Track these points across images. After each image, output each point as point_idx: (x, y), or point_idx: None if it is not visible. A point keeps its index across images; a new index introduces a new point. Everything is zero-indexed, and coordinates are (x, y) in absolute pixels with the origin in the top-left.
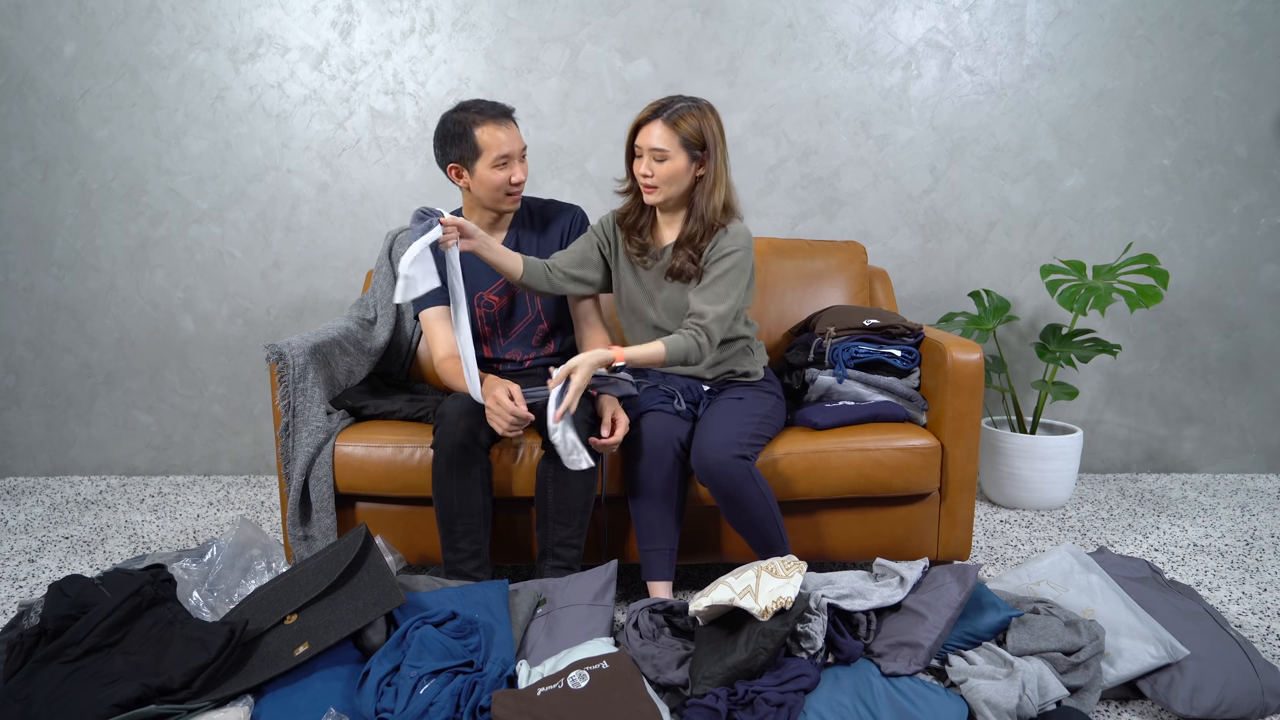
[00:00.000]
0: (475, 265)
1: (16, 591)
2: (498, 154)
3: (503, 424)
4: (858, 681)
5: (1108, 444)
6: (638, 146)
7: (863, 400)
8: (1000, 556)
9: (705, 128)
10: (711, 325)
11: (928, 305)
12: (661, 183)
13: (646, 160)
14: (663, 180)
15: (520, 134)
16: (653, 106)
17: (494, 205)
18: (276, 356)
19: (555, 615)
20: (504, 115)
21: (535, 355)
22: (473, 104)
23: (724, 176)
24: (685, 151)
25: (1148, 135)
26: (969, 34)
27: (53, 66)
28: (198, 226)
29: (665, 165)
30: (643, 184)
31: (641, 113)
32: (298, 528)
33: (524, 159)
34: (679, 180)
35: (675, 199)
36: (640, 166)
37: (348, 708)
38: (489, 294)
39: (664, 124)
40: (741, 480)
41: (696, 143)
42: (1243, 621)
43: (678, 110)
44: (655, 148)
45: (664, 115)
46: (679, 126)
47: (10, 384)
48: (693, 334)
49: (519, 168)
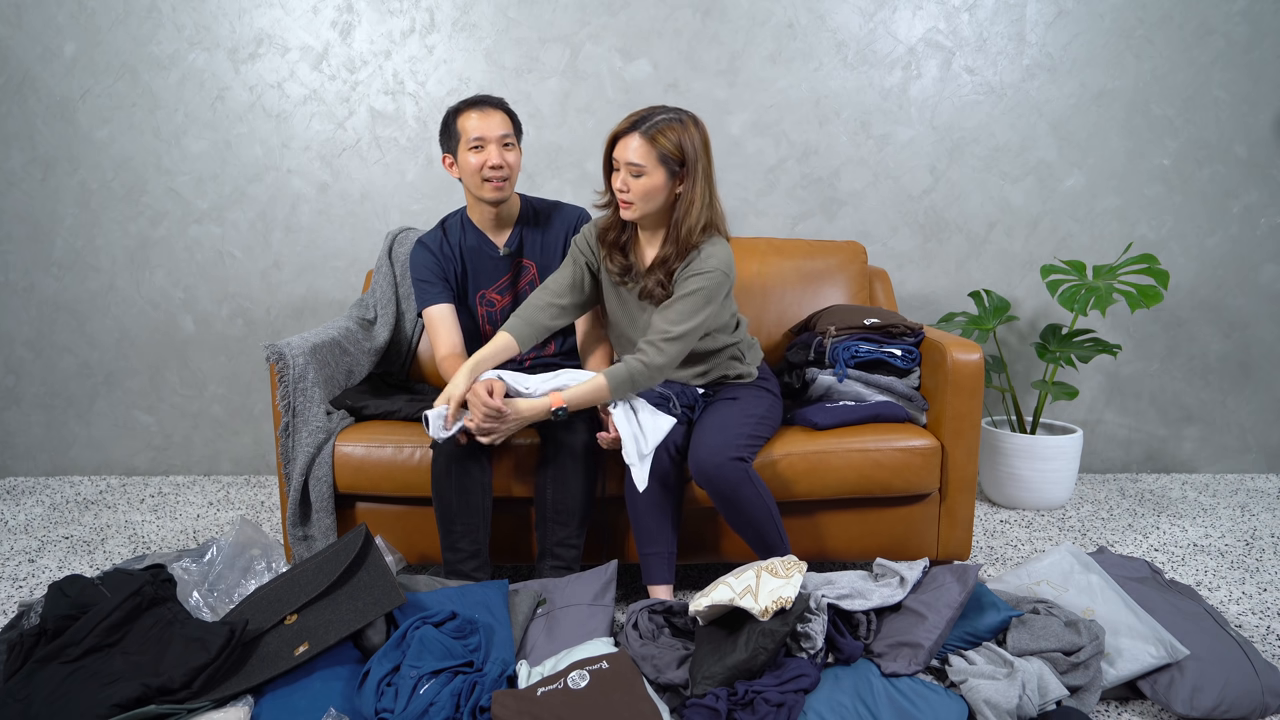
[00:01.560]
0: (477, 263)
1: (16, 591)
2: (473, 136)
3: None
4: (858, 681)
5: (1108, 444)
6: (615, 159)
7: (863, 400)
8: (1000, 556)
9: (686, 142)
10: (663, 344)
11: (928, 305)
12: (638, 199)
13: (623, 175)
14: (638, 197)
15: (507, 121)
16: (631, 118)
17: (477, 193)
18: (276, 356)
19: (555, 615)
20: (485, 103)
21: (536, 354)
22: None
23: (705, 195)
24: (663, 167)
25: (1148, 135)
26: (969, 34)
27: (53, 66)
28: (198, 226)
29: (641, 181)
30: (619, 199)
31: (619, 124)
32: (298, 528)
33: (508, 146)
34: (655, 197)
35: (653, 216)
36: (617, 181)
37: (348, 708)
38: (491, 293)
39: (641, 137)
40: (739, 483)
41: (675, 158)
42: (1243, 621)
43: (657, 124)
44: (631, 162)
45: (642, 128)
46: (657, 141)
47: (10, 384)
48: (637, 357)
49: (495, 152)
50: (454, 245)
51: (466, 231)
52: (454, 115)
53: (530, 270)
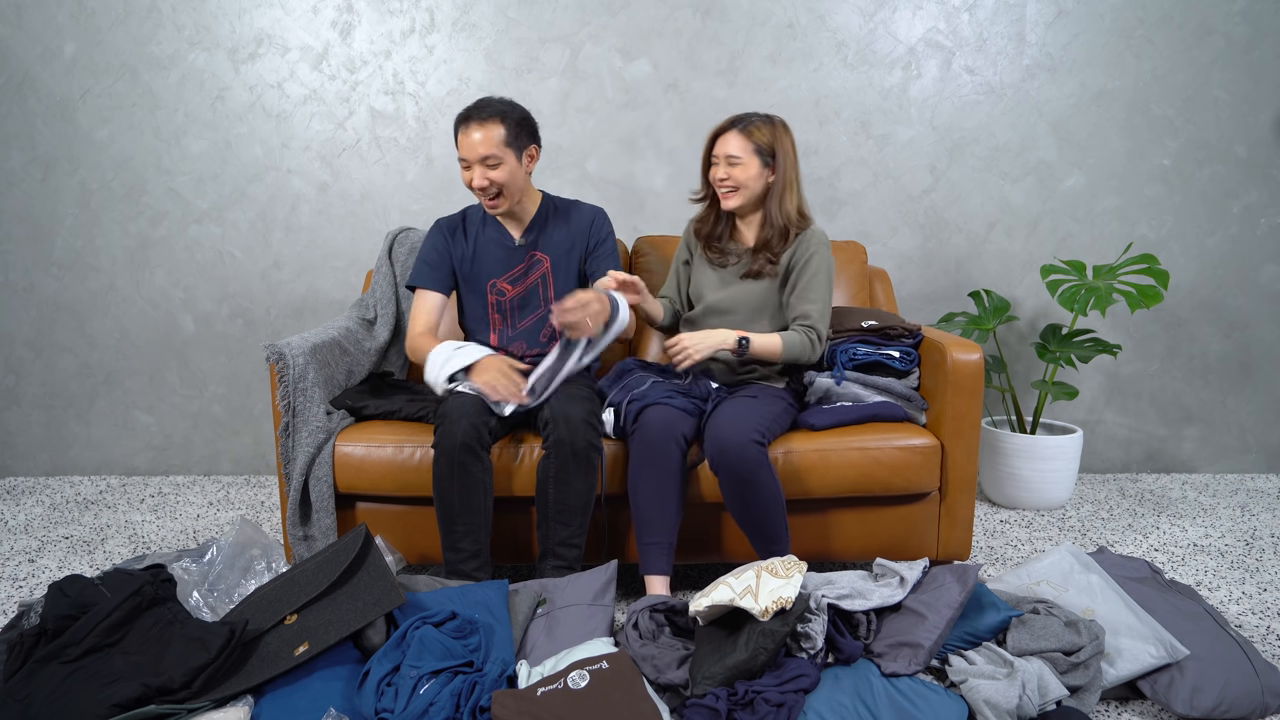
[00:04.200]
0: (489, 251)
1: (16, 591)
2: (460, 156)
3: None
4: (858, 681)
5: (1108, 444)
6: (715, 155)
7: (861, 401)
8: (1000, 556)
9: (776, 138)
10: (818, 323)
11: (928, 305)
12: (738, 185)
13: (723, 166)
14: (739, 183)
15: (491, 139)
16: (730, 119)
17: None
18: (276, 356)
19: (555, 615)
20: (471, 118)
21: (540, 350)
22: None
23: (795, 184)
24: (758, 158)
25: (1148, 135)
26: (969, 34)
27: (53, 66)
28: (198, 226)
29: (739, 169)
30: (720, 189)
31: (719, 124)
32: (298, 528)
33: (490, 165)
34: (752, 184)
35: (750, 203)
36: (717, 173)
37: (348, 708)
38: (502, 282)
39: (739, 133)
40: (757, 465)
41: (768, 150)
42: (1243, 621)
43: (751, 121)
44: (731, 154)
45: (739, 125)
46: (752, 135)
47: (10, 384)
48: (804, 331)
49: (478, 173)
50: (471, 233)
51: (487, 223)
52: (455, 129)
53: (544, 264)
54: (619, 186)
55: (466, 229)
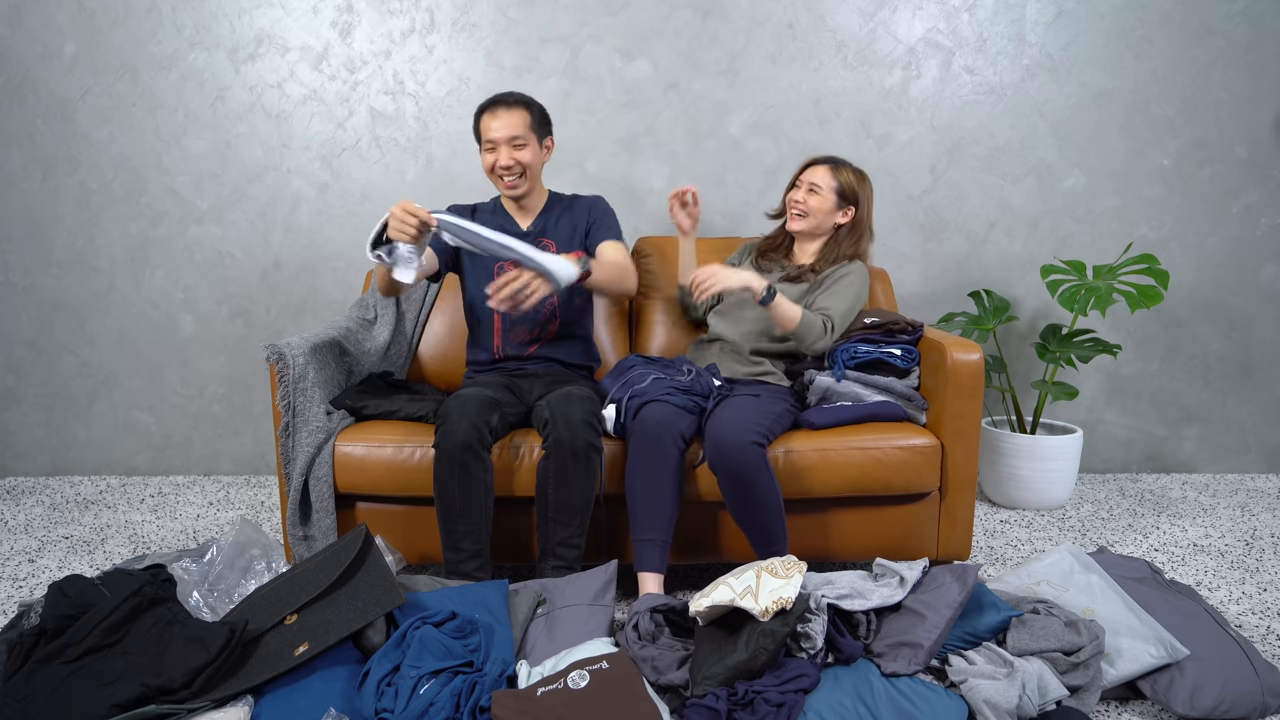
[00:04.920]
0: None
1: (16, 591)
2: (486, 139)
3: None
4: (858, 681)
5: (1108, 444)
6: (800, 180)
7: (861, 400)
8: (1000, 556)
9: (860, 185)
10: (835, 319)
11: (928, 305)
12: (810, 212)
13: (803, 190)
14: (810, 210)
15: (519, 122)
16: (826, 155)
17: (496, 187)
18: (276, 356)
19: (555, 615)
20: (499, 104)
21: (539, 345)
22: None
23: (869, 231)
24: (836, 196)
25: (1148, 135)
26: (969, 34)
27: (53, 66)
28: (198, 226)
29: (816, 199)
30: (792, 210)
31: (815, 156)
32: (298, 528)
33: (516, 146)
34: (822, 217)
35: (813, 233)
36: (796, 195)
37: (348, 708)
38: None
39: (829, 169)
40: (756, 466)
41: (850, 194)
42: (1243, 621)
43: (843, 164)
44: (814, 183)
45: (831, 163)
46: (839, 174)
47: (10, 384)
48: (822, 319)
49: (504, 153)
50: (482, 220)
51: (497, 213)
52: (477, 117)
53: (551, 249)
54: (619, 186)
55: (477, 216)
